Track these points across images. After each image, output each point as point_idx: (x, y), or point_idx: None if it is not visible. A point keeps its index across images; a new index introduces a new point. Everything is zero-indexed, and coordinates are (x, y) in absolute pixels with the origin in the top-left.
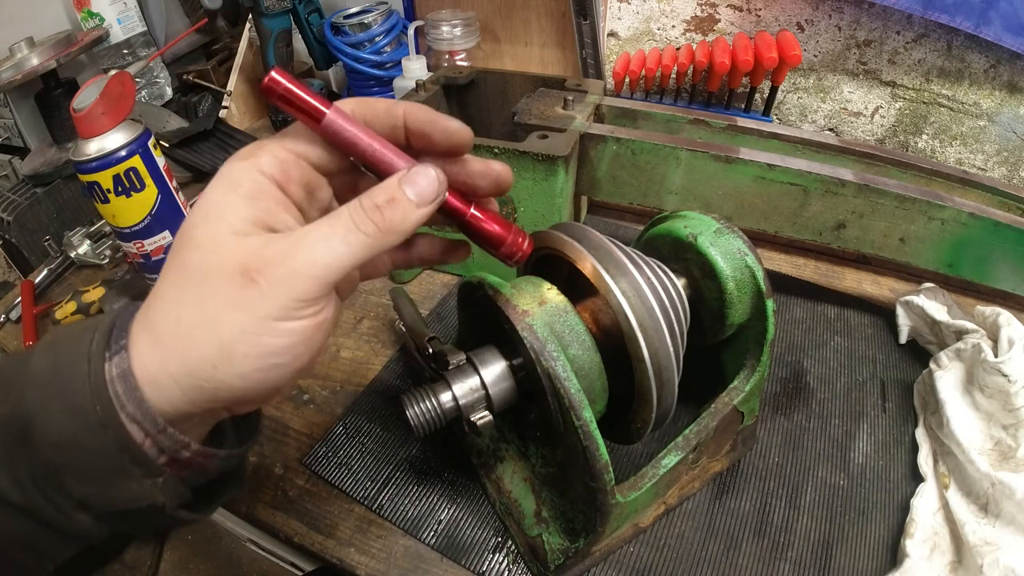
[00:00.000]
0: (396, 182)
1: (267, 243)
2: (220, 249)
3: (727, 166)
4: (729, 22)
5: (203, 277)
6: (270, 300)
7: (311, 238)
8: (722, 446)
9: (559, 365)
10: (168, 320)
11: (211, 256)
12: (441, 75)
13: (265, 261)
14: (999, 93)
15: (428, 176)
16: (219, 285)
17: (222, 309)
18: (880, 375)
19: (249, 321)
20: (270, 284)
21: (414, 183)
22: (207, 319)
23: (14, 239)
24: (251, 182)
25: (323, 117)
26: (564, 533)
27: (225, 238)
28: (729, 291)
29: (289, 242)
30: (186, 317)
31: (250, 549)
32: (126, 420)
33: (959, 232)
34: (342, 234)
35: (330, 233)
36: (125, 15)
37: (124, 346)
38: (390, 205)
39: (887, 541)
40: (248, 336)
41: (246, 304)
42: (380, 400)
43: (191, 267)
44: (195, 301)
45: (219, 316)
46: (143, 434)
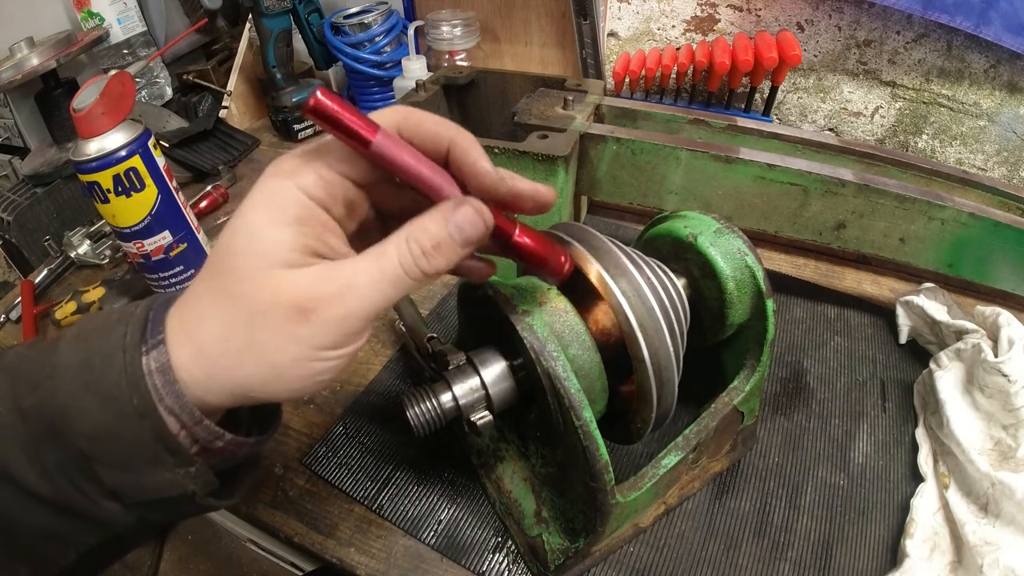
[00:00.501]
0: (444, 223)
1: (319, 279)
2: (271, 285)
3: (727, 166)
4: (729, 22)
5: (254, 310)
6: (322, 336)
7: (362, 281)
8: (722, 446)
9: (559, 365)
10: (214, 339)
11: (262, 292)
12: (441, 75)
13: (319, 301)
14: (999, 93)
15: (474, 219)
16: (272, 319)
17: (275, 340)
18: (880, 375)
19: (302, 351)
20: (324, 323)
21: (460, 227)
22: (259, 346)
23: (14, 239)
24: (297, 206)
25: (371, 142)
26: (564, 533)
27: (276, 274)
28: (729, 291)
29: (341, 283)
30: (236, 341)
31: (250, 549)
32: (163, 412)
33: (959, 232)
34: (391, 279)
35: (380, 278)
36: (125, 15)
37: (162, 340)
38: (437, 251)
39: (887, 541)
40: (300, 362)
41: (300, 338)
42: (380, 400)
43: (240, 297)
44: (246, 329)
45: (272, 345)
46: (179, 425)
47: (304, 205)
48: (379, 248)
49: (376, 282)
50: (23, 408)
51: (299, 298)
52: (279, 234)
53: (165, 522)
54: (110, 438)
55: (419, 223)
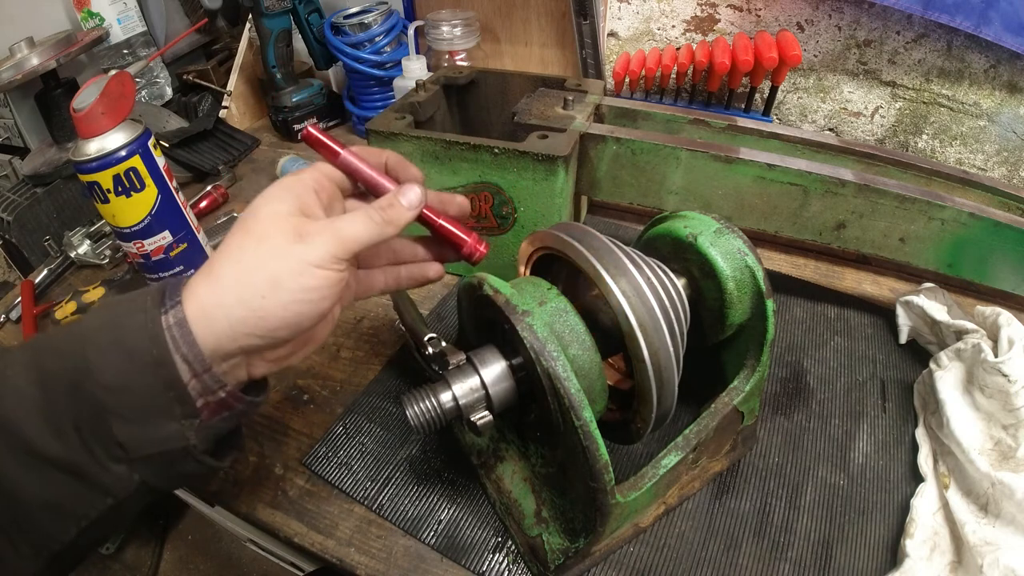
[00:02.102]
0: (393, 193)
1: (311, 221)
2: (279, 221)
3: (727, 166)
4: (729, 22)
5: (264, 235)
6: (312, 252)
7: (343, 219)
8: (722, 446)
9: (559, 365)
10: (229, 263)
11: (271, 225)
12: (441, 75)
13: (311, 228)
14: (999, 93)
15: (414, 190)
16: (276, 241)
17: (276, 255)
18: (880, 375)
19: (295, 264)
20: (314, 244)
21: (405, 194)
22: (263, 262)
23: (14, 239)
24: (300, 187)
25: (339, 155)
26: (564, 533)
27: (283, 215)
28: (729, 291)
29: (327, 221)
30: (246, 261)
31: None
32: (178, 360)
33: (959, 232)
34: (362, 220)
35: (353, 219)
36: (125, 15)
37: (179, 301)
38: (390, 207)
39: (887, 541)
40: (293, 275)
41: (294, 253)
42: (380, 400)
43: (255, 231)
44: (254, 250)
45: (273, 259)
46: (190, 374)
47: (304, 186)
48: (352, 208)
49: (352, 221)
50: (45, 372)
51: (297, 226)
52: (286, 197)
53: (162, 487)
54: (127, 389)
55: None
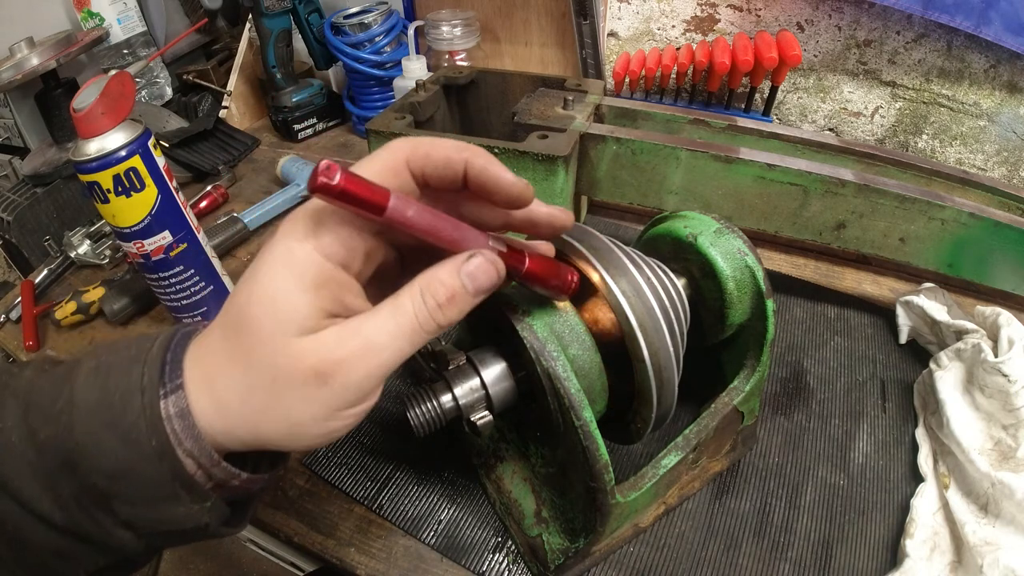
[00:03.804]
0: (457, 275)
1: (338, 343)
2: (292, 352)
3: (727, 166)
4: (729, 22)
5: (274, 375)
6: (341, 397)
7: (380, 340)
8: (722, 446)
9: (559, 365)
10: (234, 399)
11: (282, 358)
12: (441, 75)
13: (337, 365)
14: (999, 93)
15: (486, 268)
16: (292, 384)
17: (295, 403)
18: (880, 375)
19: (321, 411)
20: (343, 386)
21: (474, 277)
22: (279, 408)
23: (14, 239)
24: (316, 269)
25: (384, 209)
26: (564, 533)
27: (295, 340)
28: (729, 291)
29: (359, 344)
30: (255, 403)
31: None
32: (182, 455)
33: (959, 232)
34: (408, 334)
35: (397, 333)
36: (125, 15)
37: (180, 385)
38: (451, 303)
39: (887, 541)
40: (318, 422)
41: (319, 400)
42: (380, 400)
43: (259, 362)
44: (266, 393)
45: (292, 407)
46: (196, 466)
47: (323, 269)
48: (395, 301)
49: (394, 339)
50: (38, 439)
51: (319, 363)
52: (298, 301)
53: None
54: (128, 476)
55: (433, 275)
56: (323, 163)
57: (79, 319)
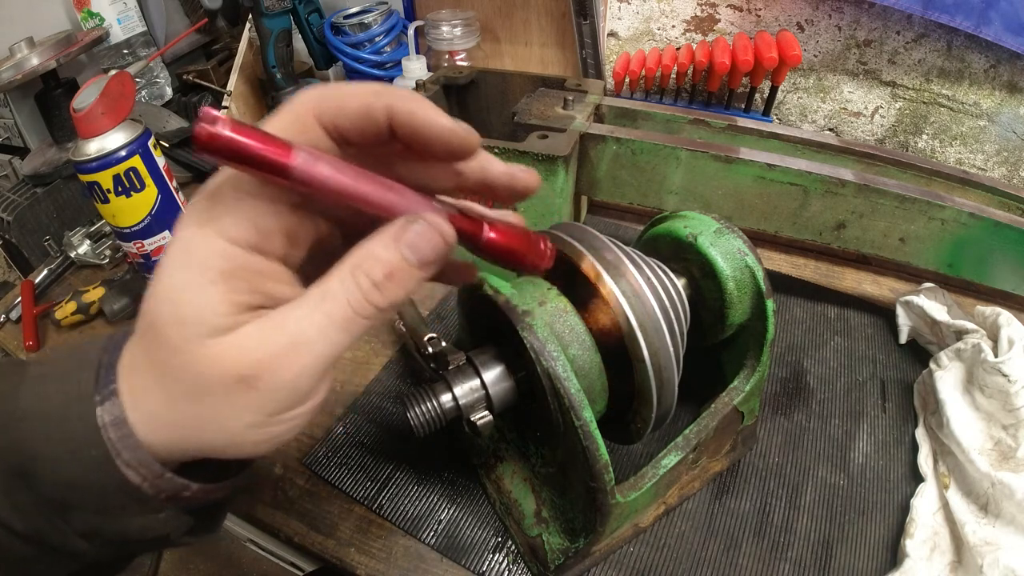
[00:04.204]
0: (394, 247)
1: (258, 341)
2: (207, 357)
3: (727, 166)
4: (729, 22)
5: (194, 386)
6: (273, 402)
7: (308, 334)
8: (722, 446)
9: (559, 365)
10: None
11: (198, 366)
12: (441, 75)
13: (261, 367)
14: (999, 93)
15: (430, 235)
16: (214, 391)
17: (224, 413)
18: (880, 375)
19: (254, 419)
20: (271, 389)
21: (416, 247)
22: (209, 420)
23: (14, 239)
24: (221, 259)
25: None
26: (564, 533)
27: (208, 344)
28: (729, 291)
29: (284, 340)
30: (183, 416)
31: (250, 549)
32: (122, 465)
33: (959, 232)
34: (341, 324)
35: (328, 324)
36: (125, 15)
37: (114, 391)
38: (390, 280)
39: (887, 541)
40: (254, 429)
41: (249, 407)
42: (380, 400)
43: (176, 373)
44: (190, 405)
45: (222, 418)
46: (140, 477)
47: (229, 256)
48: (322, 287)
49: (324, 331)
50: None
51: (239, 367)
52: (204, 298)
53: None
54: (78, 487)
55: (366, 249)
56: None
57: (79, 319)
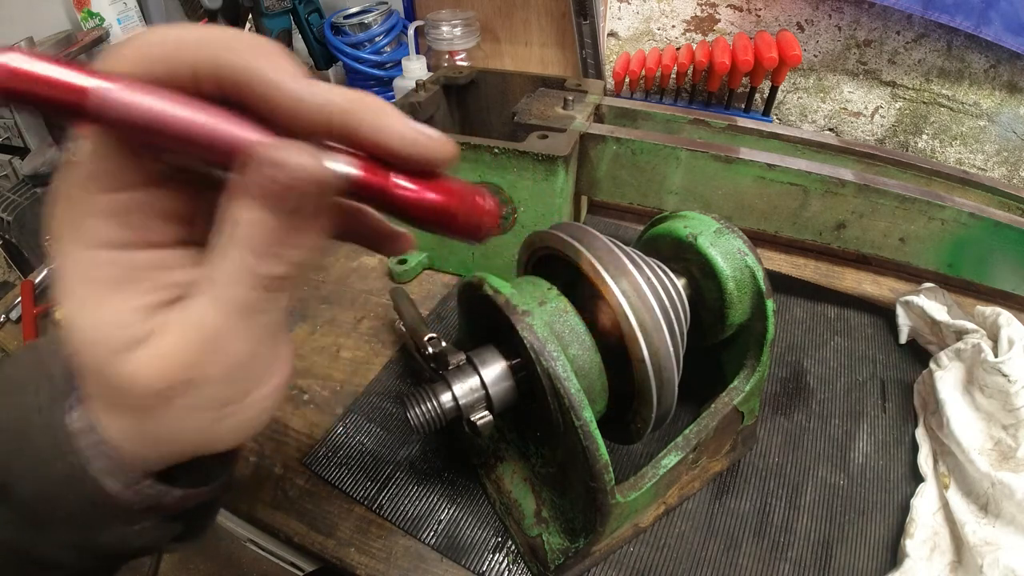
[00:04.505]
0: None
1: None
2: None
3: (727, 166)
4: (729, 22)
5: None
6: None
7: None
8: (722, 446)
9: (559, 365)
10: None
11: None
12: (441, 75)
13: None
14: (999, 93)
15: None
16: (157, 404)
17: (176, 418)
18: (880, 375)
19: (209, 415)
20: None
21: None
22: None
23: (14, 239)
24: (106, 268)
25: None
26: (564, 533)
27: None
28: (729, 291)
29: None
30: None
31: (250, 549)
32: (98, 474)
33: (959, 232)
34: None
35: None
36: (125, 15)
37: (79, 398)
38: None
39: (887, 541)
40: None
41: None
42: (380, 400)
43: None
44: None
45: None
46: (120, 485)
47: (111, 262)
48: (210, 273)
49: (236, 318)
50: None
51: (165, 376)
52: (103, 315)
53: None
54: (51, 502)
55: (235, 219)
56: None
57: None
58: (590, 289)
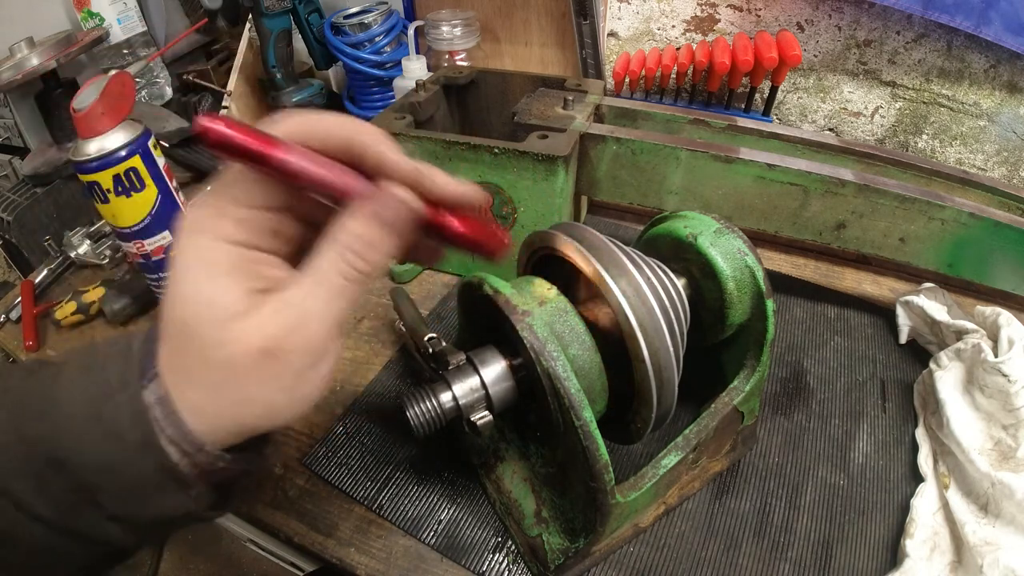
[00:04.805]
0: (368, 220)
1: (273, 317)
2: (233, 340)
3: (727, 166)
4: (729, 22)
5: (228, 368)
6: (297, 365)
7: (312, 305)
8: (722, 446)
9: (559, 365)
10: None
11: (227, 347)
12: (441, 75)
13: (280, 339)
14: (999, 93)
15: (395, 204)
16: (248, 370)
17: (259, 385)
18: (880, 375)
19: (286, 383)
20: (293, 355)
21: (385, 218)
22: (247, 395)
23: (14, 239)
24: (226, 257)
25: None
26: (564, 533)
27: (232, 328)
28: (729, 291)
29: (293, 313)
30: (224, 398)
31: (250, 549)
32: (165, 443)
33: (959, 232)
34: (338, 292)
35: (327, 295)
36: (125, 15)
37: (156, 374)
38: (371, 249)
39: (887, 541)
40: (286, 392)
41: (277, 374)
42: (380, 400)
43: (210, 362)
44: (229, 387)
45: (258, 389)
46: (180, 453)
47: (231, 253)
48: (314, 264)
49: (325, 301)
50: (27, 436)
51: (262, 341)
52: (218, 291)
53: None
54: (114, 471)
55: (344, 227)
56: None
57: (79, 319)
58: (590, 289)
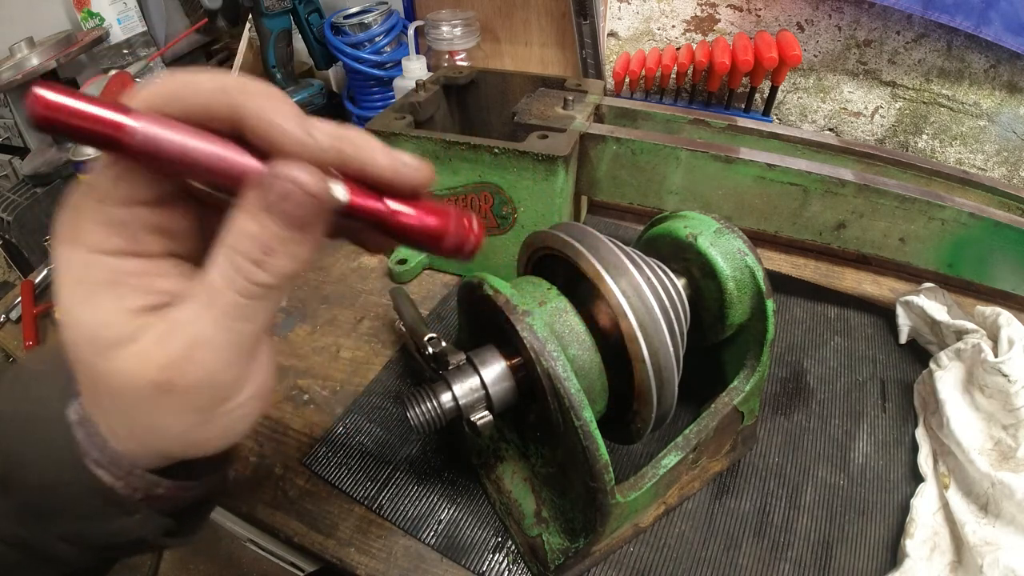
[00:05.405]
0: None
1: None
2: (116, 370)
3: (727, 166)
4: (729, 22)
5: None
6: (197, 400)
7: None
8: (722, 446)
9: (559, 365)
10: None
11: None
12: (441, 75)
13: (170, 370)
14: (999, 93)
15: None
16: (139, 401)
17: (158, 417)
18: (880, 375)
19: (190, 418)
20: (190, 389)
21: (283, 211)
22: (146, 425)
23: (14, 239)
24: (103, 272)
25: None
26: (564, 533)
27: (116, 355)
28: (729, 291)
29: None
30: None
31: (250, 549)
32: (92, 465)
33: (959, 232)
34: (235, 313)
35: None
36: (125, 15)
37: (79, 392)
38: (271, 255)
39: (887, 541)
40: (198, 427)
41: (177, 408)
42: (380, 400)
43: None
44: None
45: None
46: (112, 476)
47: (107, 266)
48: (206, 276)
49: (218, 325)
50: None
51: (148, 374)
52: (99, 312)
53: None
54: (53, 490)
55: (232, 227)
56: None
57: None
58: (590, 289)
